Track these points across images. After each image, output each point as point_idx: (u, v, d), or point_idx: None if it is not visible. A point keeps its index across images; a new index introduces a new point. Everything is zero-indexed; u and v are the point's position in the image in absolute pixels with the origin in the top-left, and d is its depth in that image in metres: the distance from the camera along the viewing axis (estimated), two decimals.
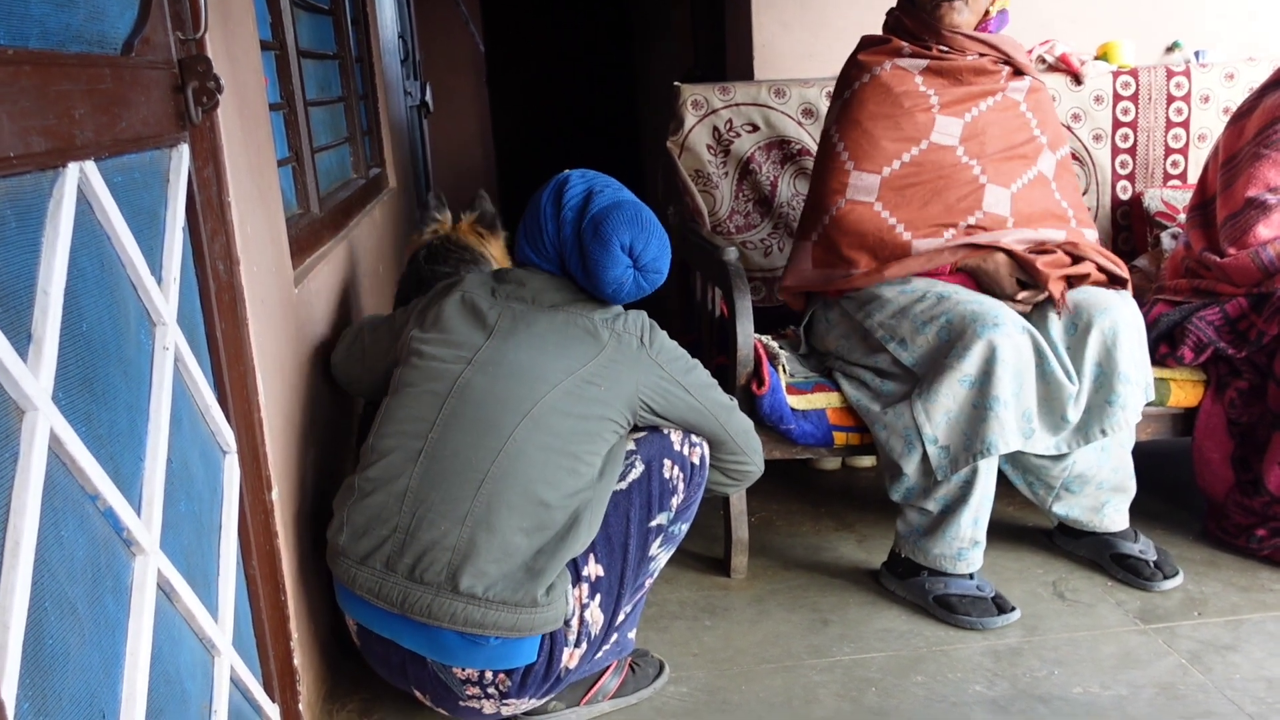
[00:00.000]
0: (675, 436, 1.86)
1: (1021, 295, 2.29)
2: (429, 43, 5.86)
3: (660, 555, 1.87)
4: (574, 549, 1.69)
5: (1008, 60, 2.47)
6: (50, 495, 0.93)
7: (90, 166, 1.08)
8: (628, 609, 1.84)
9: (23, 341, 0.93)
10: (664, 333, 1.87)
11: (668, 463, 1.83)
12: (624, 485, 1.78)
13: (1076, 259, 2.35)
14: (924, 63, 2.45)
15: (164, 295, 1.26)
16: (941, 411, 2.19)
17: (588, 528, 1.70)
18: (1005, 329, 2.16)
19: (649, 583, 1.89)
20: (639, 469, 1.80)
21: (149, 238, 1.25)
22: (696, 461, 1.88)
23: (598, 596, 1.75)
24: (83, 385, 1.03)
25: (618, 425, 1.78)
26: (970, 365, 2.16)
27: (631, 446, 1.82)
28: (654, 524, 1.81)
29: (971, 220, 2.37)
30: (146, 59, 1.28)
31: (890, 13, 2.55)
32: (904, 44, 2.48)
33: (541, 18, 7.31)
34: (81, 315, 1.04)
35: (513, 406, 1.70)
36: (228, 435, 1.45)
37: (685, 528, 1.91)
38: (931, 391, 2.19)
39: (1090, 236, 2.46)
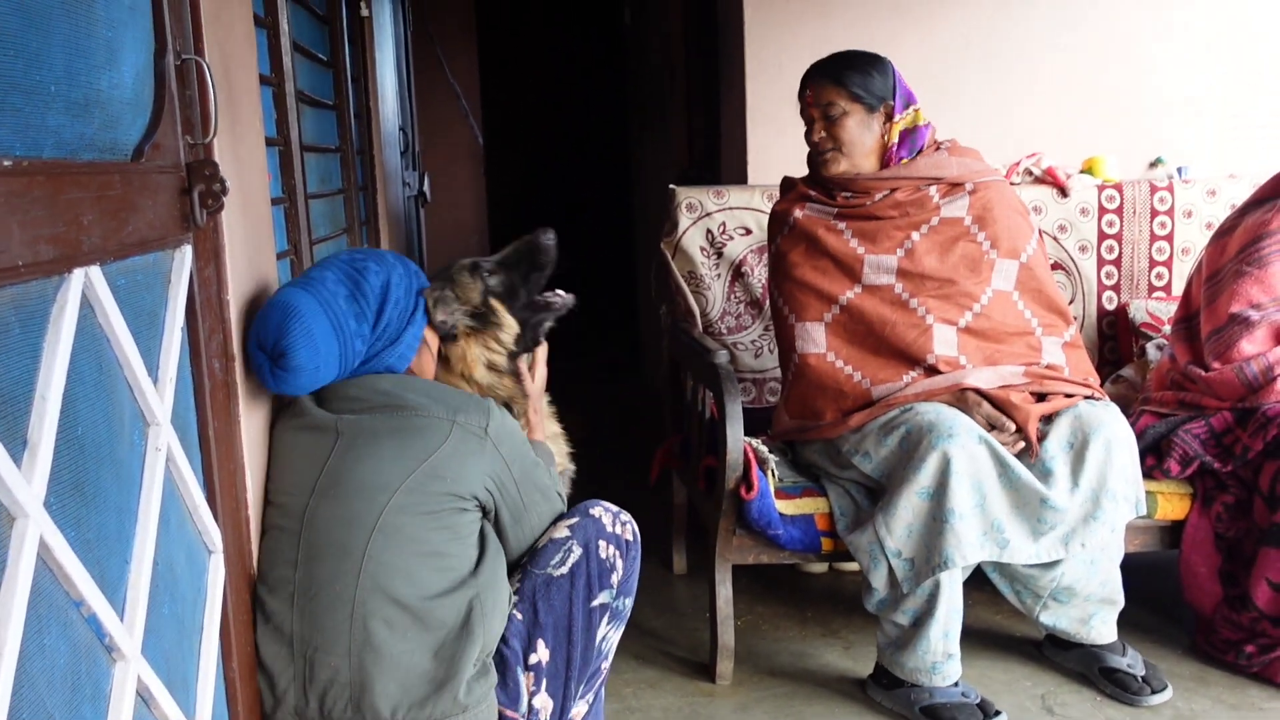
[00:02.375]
0: (606, 518, 1.87)
1: (998, 437, 2.23)
2: (429, 134, 5.97)
3: (610, 634, 1.86)
4: (476, 645, 1.66)
5: (935, 180, 2.40)
6: (35, 602, 0.93)
7: (95, 271, 1.09)
8: (589, 697, 1.83)
9: (18, 448, 0.93)
10: (508, 419, 1.82)
11: (603, 543, 1.84)
12: (565, 570, 1.79)
13: (1041, 396, 2.32)
14: (834, 208, 2.43)
15: (159, 395, 1.26)
16: (902, 525, 2.18)
17: (483, 621, 1.67)
18: (960, 439, 2.15)
19: (605, 666, 1.88)
20: (577, 552, 1.81)
21: (148, 338, 1.26)
22: (630, 538, 1.90)
23: (544, 682, 1.75)
24: (74, 489, 1.03)
25: (474, 514, 1.75)
26: (926, 477, 2.16)
27: (566, 533, 1.83)
28: (597, 604, 1.81)
29: (928, 361, 2.33)
30: (156, 164, 1.30)
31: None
32: (810, 189, 2.48)
33: (540, 110, 7.49)
34: (77, 419, 1.05)
35: (358, 524, 1.67)
36: (214, 535, 1.44)
37: (629, 602, 1.91)
38: (892, 505, 2.19)
39: (1054, 345, 2.40)
